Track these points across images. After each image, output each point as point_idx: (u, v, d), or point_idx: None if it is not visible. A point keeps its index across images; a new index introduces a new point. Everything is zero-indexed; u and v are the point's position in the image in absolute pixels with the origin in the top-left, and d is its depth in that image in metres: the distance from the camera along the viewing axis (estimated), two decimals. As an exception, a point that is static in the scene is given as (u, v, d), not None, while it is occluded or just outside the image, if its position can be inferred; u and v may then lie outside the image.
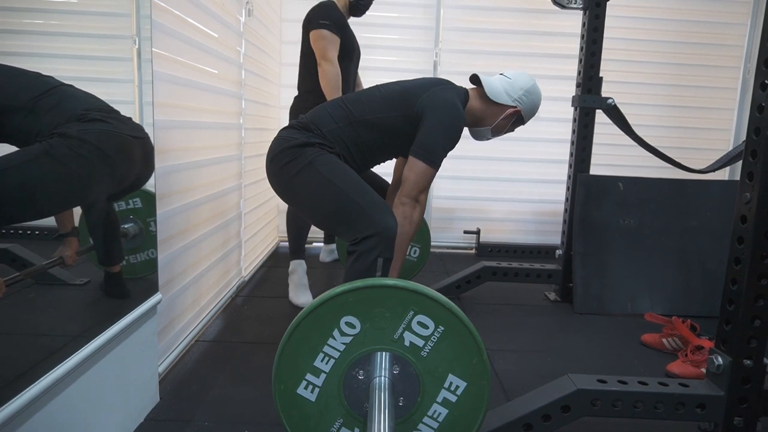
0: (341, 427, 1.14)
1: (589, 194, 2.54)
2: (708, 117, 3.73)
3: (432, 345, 1.09)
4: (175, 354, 1.79)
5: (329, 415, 1.13)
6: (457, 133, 1.72)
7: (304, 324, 1.10)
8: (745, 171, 1.27)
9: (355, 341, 1.10)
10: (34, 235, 1.14)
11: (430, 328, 1.09)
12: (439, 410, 1.12)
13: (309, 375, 1.11)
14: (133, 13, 1.47)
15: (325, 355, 1.10)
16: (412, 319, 1.08)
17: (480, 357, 1.10)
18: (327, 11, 2.38)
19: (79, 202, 1.23)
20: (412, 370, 1.10)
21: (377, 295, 1.08)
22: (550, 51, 3.55)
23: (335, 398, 1.12)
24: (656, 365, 1.93)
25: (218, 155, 2.24)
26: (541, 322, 2.35)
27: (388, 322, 1.09)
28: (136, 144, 1.34)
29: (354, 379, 1.11)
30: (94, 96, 1.23)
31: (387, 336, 1.09)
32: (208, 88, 2.10)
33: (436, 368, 1.10)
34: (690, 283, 2.49)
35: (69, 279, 1.28)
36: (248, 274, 2.81)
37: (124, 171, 1.33)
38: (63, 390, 1.09)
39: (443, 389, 1.11)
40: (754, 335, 1.27)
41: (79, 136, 1.14)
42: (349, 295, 1.08)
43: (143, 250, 1.50)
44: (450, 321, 1.08)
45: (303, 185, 1.65)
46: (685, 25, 3.59)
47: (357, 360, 1.11)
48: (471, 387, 1.11)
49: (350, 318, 1.09)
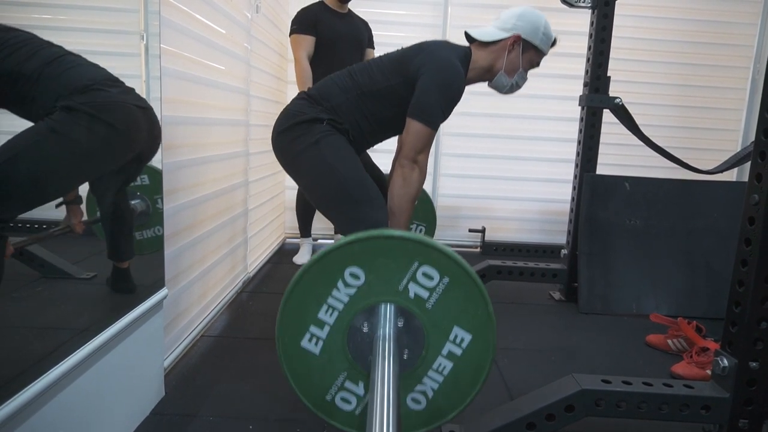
0: (345, 380, 1.12)
1: (595, 194, 2.54)
2: (716, 117, 3.71)
3: (437, 297, 1.07)
4: (181, 349, 1.80)
5: (333, 368, 1.11)
6: (454, 93, 1.66)
7: (308, 275, 1.07)
8: (754, 172, 1.26)
9: (360, 293, 1.07)
10: (42, 229, 1.15)
11: (435, 280, 1.06)
12: (444, 363, 1.10)
13: (313, 327, 1.09)
14: (141, 9, 1.48)
15: (329, 307, 1.08)
16: (417, 270, 1.06)
17: (485, 308, 1.07)
18: (298, 15, 2.78)
19: (89, 176, 1.22)
20: (417, 323, 1.08)
21: (382, 246, 1.06)
22: (557, 49, 3.47)
23: (339, 351, 1.10)
24: (661, 366, 1.93)
25: (225, 151, 2.25)
26: (546, 322, 2.35)
27: (392, 273, 1.06)
28: (141, 114, 1.31)
29: (358, 331, 1.09)
30: (99, 66, 1.21)
31: (392, 287, 1.07)
32: (215, 84, 2.10)
33: (441, 320, 1.08)
34: (696, 284, 2.48)
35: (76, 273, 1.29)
36: (254, 270, 2.82)
37: (131, 141, 1.30)
38: (70, 383, 1.10)
39: (448, 342, 1.09)
40: (760, 337, 1.27)
41: (84, 110, 1.12)
42: (354, 245, 1.06)
43: (150, 226, 1.49)
44: (455, 272, 1.06)
45: (305, 165, 1.63)
46: (694, 25, 3.57)
47: (361, 312, 1.08)
48: (476, 340, 1.09)
49: (355, 269, 1.06)
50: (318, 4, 2.84)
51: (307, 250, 3.16)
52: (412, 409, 1.14)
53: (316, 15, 2.78)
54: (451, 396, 1.13)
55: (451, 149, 3.62)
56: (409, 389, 1.13)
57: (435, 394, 1.13)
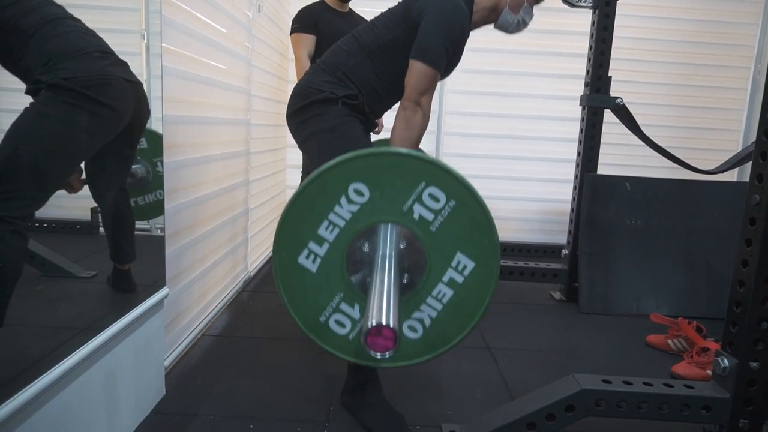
0: (341, 302, 1.09)
1: (596, 194, 2.54)
2: (717, 117, 3.70)
3: (442, 220, 1.04)
4: (182, 348, 1.80)
5: (329, 288, 1.08)
6: (458, 33, 1.59)
7: (310, 188, 1.03)
8: (755, 173, 1.26)
9: (363, 210, 1.04)
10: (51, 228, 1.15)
11: (441, 202, 1.03)
12: (444, 291, 1.07)
13: (312, 243, 1.05)
14: (142, 8, 1.48)
15: (330, 223, 1.04)
16: (423, 191, 1.02)
17: (491, 237, 1.04)
18: (299, 14, 2.73)
19: (88, 151, 1.20)
20: (420, 246, 1.05)
21: (389, 163, 1.03)
22: (558, 49, 3.54)
23: (337, 271, 1.06)
24: (661, 366, 1.93)
25: (226, 151, 2.25)
26: (546, 322, 2.35)
27: (398, 192, 1.03)
28: (130, 87, 1.28)
29: (358, 251, 1.06)
30: (94, 35, 1.19)
31: (396, 207, 1.04)
32: (216, 83, 2.10)
33: (444, 245, 1.05)
34: (696, 285, 2.48)
35: (77, 272, 1.29)
36: (254, 269, 2.82)
37: (120, 114, 1.26)
38: (71, 382, 1.10)
39: (450, 268, 1.06)
40: (761, 338, 1.27)
41: (69, 86, 1.09)
42: (360, 160, 1.02)
43: (151, 191, 1.48)
44: (462, 195, 1.03)
45: (315, 148, 1.58)
46: (695, 25, 3.57)
47: (363, 231, 1.05)
48: (479, 268, 1.05)
49: (359, 185, 1.03)
50: (319, 3, 2.85)
51: None
52: (408, 337, 1.10)
53: (317, 14, 2.77)
54: (450, 326, 1.09)
55: (452, 149, 3.62)
56: (406, 316, 1.09)
57: (432, 322, 1.09)
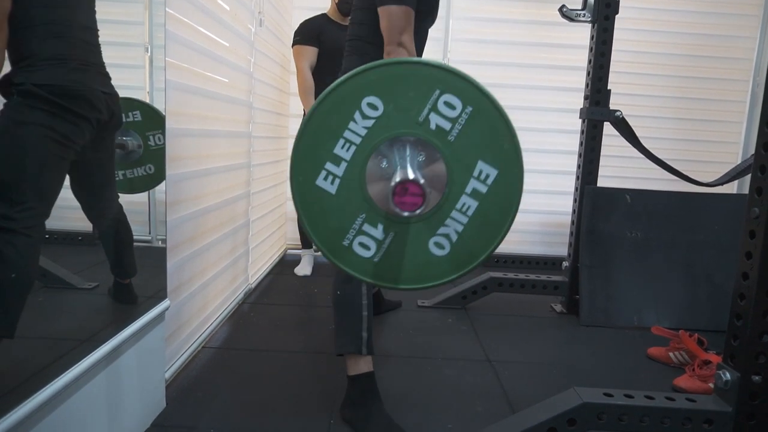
0: (363, 223, 1.05)
1: (596, 206, 2.54)
2: (716, 130, 3.72)
3: (459, 128, 1.00)
4: (182, 360, 1.79)
5: (351, 209, 1.04)
6: None
7: (322, 106, 1.00)
8: (754, 186, 1.27)
9: (378, 125, 1.01)
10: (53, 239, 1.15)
11: (457, 109, 0.99)
12: (468, 203, 1.03)
13: (329, 164, 1.02)
14: (146, 21, 1.49)
15: (346, 140, 1.01)
16: (438, 99, 0.99)
17: (512, 141, 1.00)
18: (300, 27, 2.83)
19: (71, 151, 1.18)
20: (439, 157, 1.01)
21: (400, 73, 1.00)
22: (558, 63, 3.56)
23: (357, 190, 1.03)
24: (663, 379, 1.92)
25: (228, 163, 2.26)
26: (547, 334, 2.34)
27: (412, 102, 1.00)
28: (104, 98, 1.25)
29: (377, 168, 1.02)
30: (81, 41, 1.18)
31: (412, 118, 1.00)
32: (218, 96, 2.12)
33: (464, 154, 1.01)
34: (697, 297, 2.48)
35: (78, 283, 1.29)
36: (255, 281, 2.82)
37: (92, 121, 1.22)
38: (71, 395, 1.10)
39: (472, 178, 1.02)
40: (763, 351, 1.26)
41: (41, 94, 1.07)
42: (371, 73, 0.99)
43: (141, 164, 1.47)
44: (479, 101, 0.99)
45: None
46: (694, 38, 3.59)
47: (380, 146, 1.02)
48: (503, 175, 1.02)
49: (372, 98, 0.99)
50: (320, 16, 2.88)
51: (308, 261, 3.16)
52: (435, 254, 1.07)
53: (319, 26, 2.82)
54: (477, 238, 1.05)
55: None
56: (430, 233, 1.06)
57: (459, 237, 1.05)
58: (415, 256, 1.05)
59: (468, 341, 2.19)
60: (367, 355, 1.52)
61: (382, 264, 1.07)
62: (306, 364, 1.88)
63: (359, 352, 1.51)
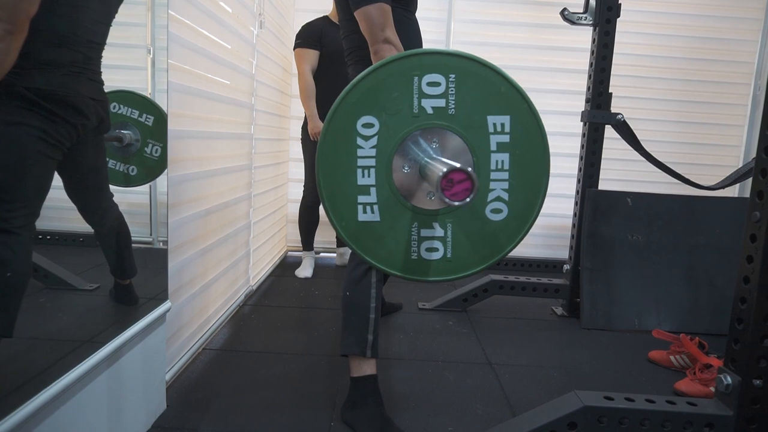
0: (419, 229, 1.06)
1: (598, 209, 2.54)
2: (718, 133, 3.72)
3: (454, 98, 1.01)
4: (183, 362, 1.80)
5: (401, 224, 1.05)
6: None
7: (324, 146, 1.02)
8: (755, 189, 1.27)
9: (382, 137, 1.02)
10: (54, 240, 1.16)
11: (442, 84, 1.00)
12: (500, 158, 1.03)
13: (360, 197, 1.03)
14: (149, 23, 1.50)
15: (363, 168, 1.02)
16: (420, 84, 1.00)
17: (507, 83, 1.00)
18: (302, 30, 2.85)
19: (61, 150, 1.18)
20: (450, 133, 1.02)
21: (376, 82, 1.01)
22: (559, 66, 3.57)
23: (396, 205, 1.04)
24: (664, 383, 1.92)
25: (229, 165, 2.26)
26: (548, 337, 2.34)
27: (400, 101, 1.01)
28: (92, 105, 1.25)
29: (403, 176, 1.03)
30: (83, 53, 1.18)
31: (408, 115, 1.01)
32: (220, 98, 2.12)
33: (471, 119, 1.01)
34: (698, 300, 2.48)
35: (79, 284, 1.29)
36: (256, 283, 2.82)
37: (79, 126, 1.22)
38: (72, 396, 1.10)
39: (491, 135, 1.02)
40: (764, 355, 1.26)
41: (29, 97, 1.07)
42: (350, 96, 1.01)
43: (128, 163, 1.47)
44: (456, 65, 1.00)
45: None
46: (696, 42, 3.60)
47: (394, 156, 1.02)
48: (516, 117, 1.02)
49: (364, 118, 1.01)
50: (322, 18, 2.88)
51: (309, 263, 3.16)
52: (497, 220, 1.06)
53: (320, 29, 2.82)
54: (527, 186, 1.05)
55: (454, 163, 3.62)
56: (483, 205, 1.05)
57: (510, 194, 1.05)
58: (481, 231, 1.04)
59: (469, 344, 2.19)
60: (371, 357, 1.52)
61: (457, 255, 1.07)
62: (306, 366, 1.88)
63: (363, 355, 1.51)
